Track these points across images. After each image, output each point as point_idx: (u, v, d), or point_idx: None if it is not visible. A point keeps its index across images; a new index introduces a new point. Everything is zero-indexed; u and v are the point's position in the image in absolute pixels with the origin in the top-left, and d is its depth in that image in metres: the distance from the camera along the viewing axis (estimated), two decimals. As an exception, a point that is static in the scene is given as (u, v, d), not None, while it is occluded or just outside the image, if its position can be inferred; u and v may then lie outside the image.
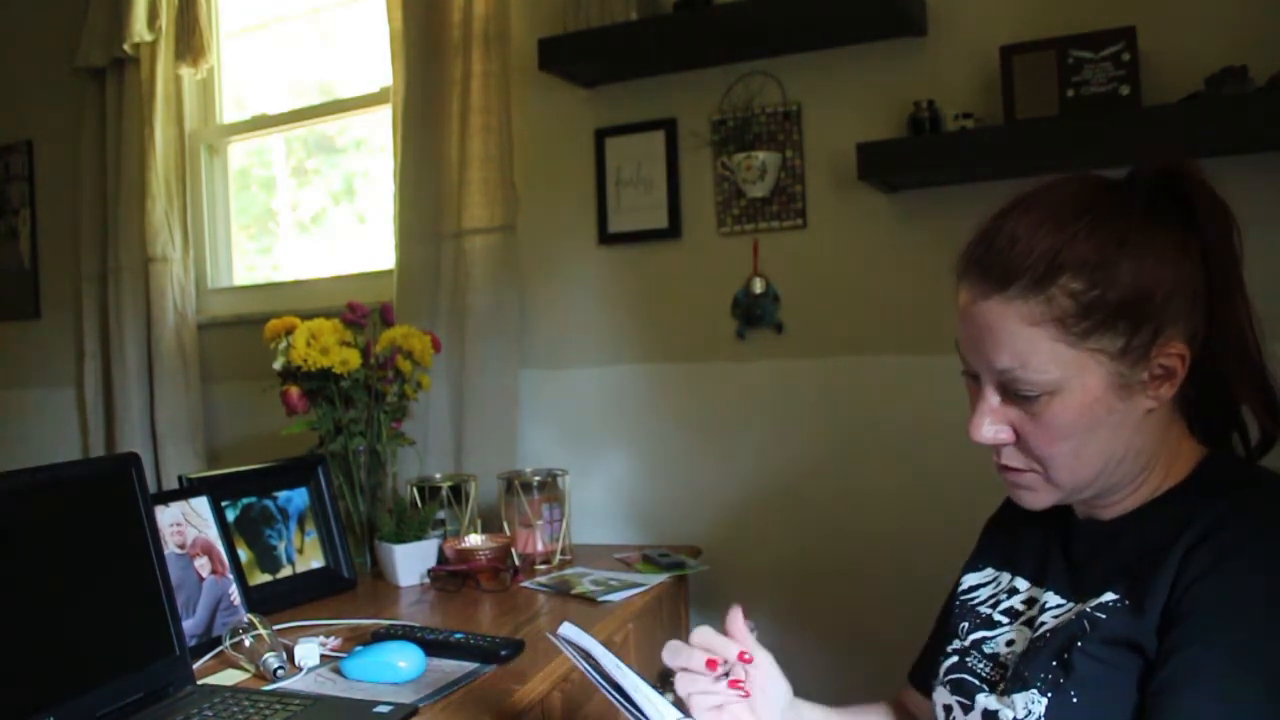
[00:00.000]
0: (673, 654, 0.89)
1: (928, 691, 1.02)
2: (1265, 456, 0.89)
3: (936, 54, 1.86)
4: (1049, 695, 0.80)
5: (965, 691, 0.91)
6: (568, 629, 0.89)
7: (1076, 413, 0.81)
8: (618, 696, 0.85)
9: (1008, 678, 0.87)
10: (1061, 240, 0.80)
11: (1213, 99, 1.55)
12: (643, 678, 0.84)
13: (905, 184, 1.87)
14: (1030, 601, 0.93)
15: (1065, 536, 0.93)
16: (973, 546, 1.06)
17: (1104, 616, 0.81)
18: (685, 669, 0.88)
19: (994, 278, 0.82)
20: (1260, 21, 1.61)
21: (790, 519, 2.00)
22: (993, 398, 0.85)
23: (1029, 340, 0.80)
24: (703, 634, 0.89)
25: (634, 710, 0.83)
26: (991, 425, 0.85)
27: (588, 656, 0.88)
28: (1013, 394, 0.83)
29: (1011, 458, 0.87)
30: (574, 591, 1.67)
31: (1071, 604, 0.87)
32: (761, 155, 1.95)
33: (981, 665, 0.92)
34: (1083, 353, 0.80)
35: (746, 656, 0.88)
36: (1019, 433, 0.85)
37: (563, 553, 1.93)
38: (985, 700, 0.87)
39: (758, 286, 2.01)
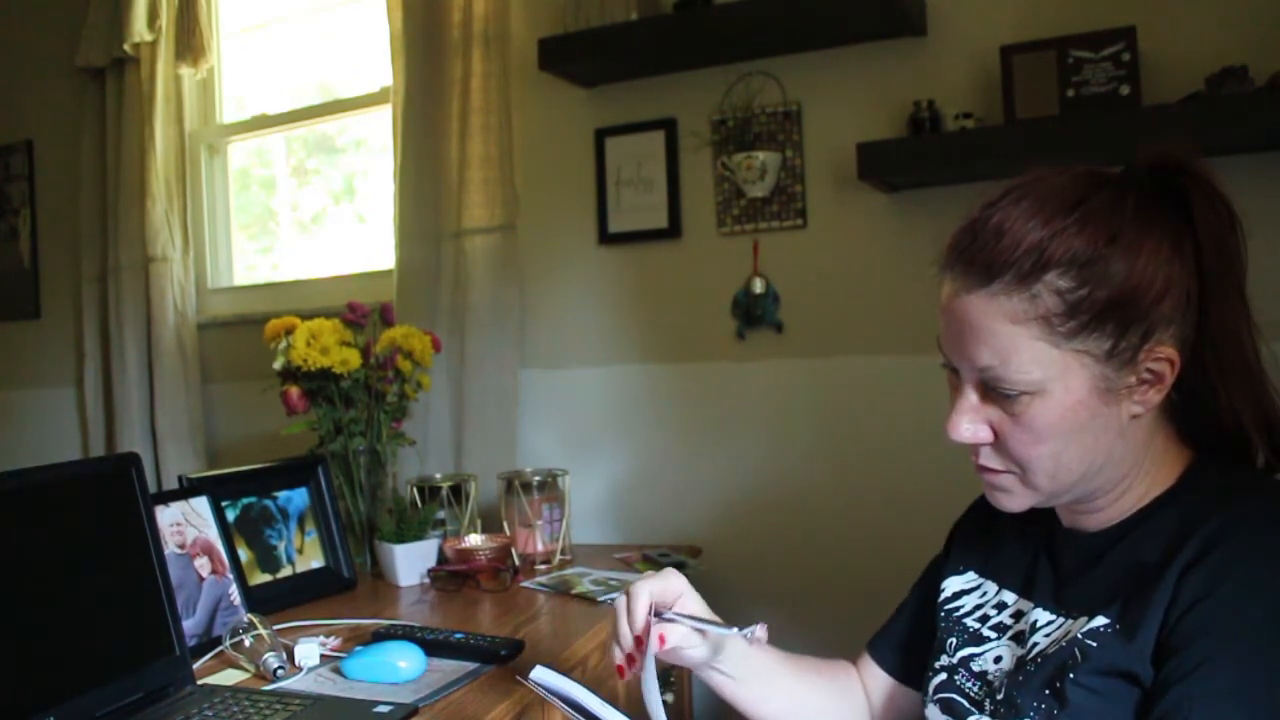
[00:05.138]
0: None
1: (883, 665, 1.07)
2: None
3: (936, 54, 1.86)
4: None
5: (956, 713, 0.90)
6: (541, 673, 0.90)
7: (1058, 415, 0.79)
8: None
9: (999, 701, 0.85)
10: (1049, 234, 0.77)
11: (1213, 99, 1.55)
12: (624, 712, 0.87)
13: (905, 184, 1.87)
14: (1018, 615, 0.91)
15: (1051, 545, 0.91)
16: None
17: (1095, 645, 0.79)
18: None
19: (977, 271, 0.80)
20: (1260, 21, 1.61)
21: (790, 519, 1.99)
22: (972, 395, 0.83)
23: (1011, 338, 0.78)
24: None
25: None
26: (970, 424, 0.83)
27: (566, 699, 0.89)
28: (993, 392, 0.81)
29: (989, 458, 0.85)
30: (574, 591, 1.67)
31: (1061, 620, 0.85)
32: (761, 155, 1.95)
33: (970, 684, 0.91)
34: (1067, 353, 0.77)
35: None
36: (998, 433, 0.82)
37: (563, 553, 1.93)
38: None
39: (758, 286, 2.01)
